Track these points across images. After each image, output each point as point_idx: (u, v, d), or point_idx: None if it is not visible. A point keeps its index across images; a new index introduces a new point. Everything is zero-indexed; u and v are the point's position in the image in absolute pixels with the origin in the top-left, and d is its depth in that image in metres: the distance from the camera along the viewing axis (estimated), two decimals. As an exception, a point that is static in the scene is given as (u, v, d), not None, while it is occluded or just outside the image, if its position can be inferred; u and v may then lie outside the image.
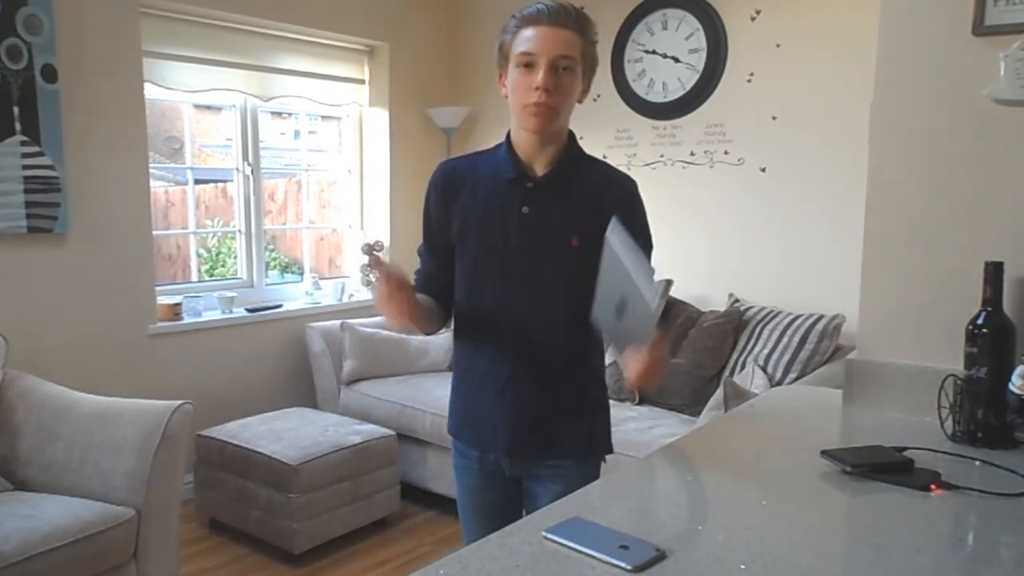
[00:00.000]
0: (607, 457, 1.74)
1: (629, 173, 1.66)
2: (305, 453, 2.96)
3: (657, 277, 1.85)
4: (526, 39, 1.45)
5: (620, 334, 1.39)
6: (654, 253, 1.67)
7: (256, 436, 3.09)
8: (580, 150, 1.59)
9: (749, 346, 3.18)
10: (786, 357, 3.03)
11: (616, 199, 1.56)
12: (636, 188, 1.61)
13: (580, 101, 1.54)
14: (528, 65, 1.45)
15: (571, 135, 1.58)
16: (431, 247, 1.67)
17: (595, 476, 1.68)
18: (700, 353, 3.25)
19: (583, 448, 1.66)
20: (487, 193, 1.56)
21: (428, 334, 1.70)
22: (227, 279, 4.03)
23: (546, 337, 1.58)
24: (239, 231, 3.92)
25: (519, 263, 1.54)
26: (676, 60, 3.73)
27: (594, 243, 1.40)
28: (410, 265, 1.74)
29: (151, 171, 3.38)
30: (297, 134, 4.76)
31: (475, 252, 1.57)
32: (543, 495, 1.62)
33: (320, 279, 4.17)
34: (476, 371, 1.64)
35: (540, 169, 1.55)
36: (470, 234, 1.57)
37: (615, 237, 1.34)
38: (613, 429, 2.96)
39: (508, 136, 1.58)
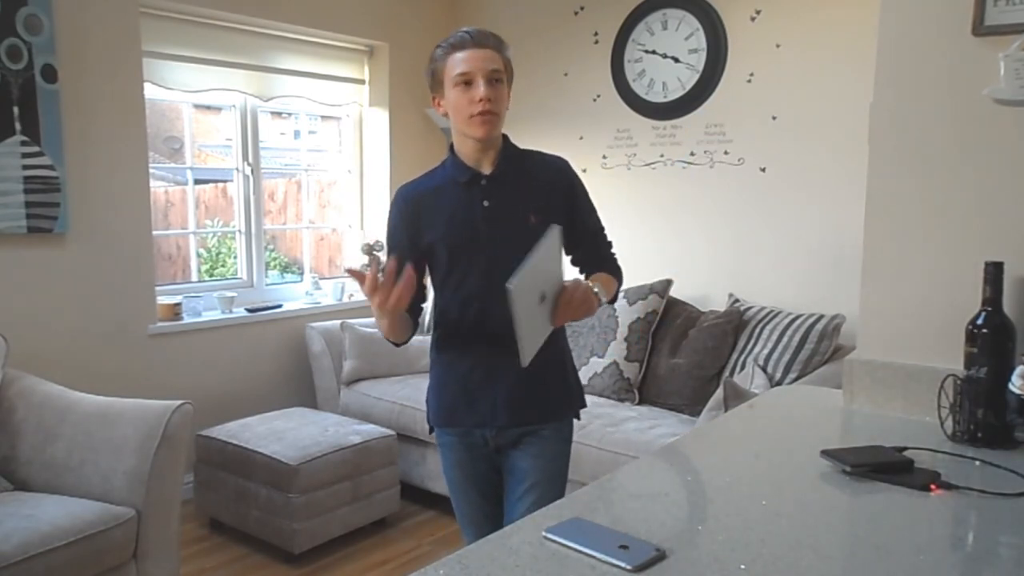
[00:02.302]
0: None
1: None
2: (305, 453, 2.96)
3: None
4: (459, 61, 1.67)
5: (532, 318, 1.56)
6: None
7: (256, 436, 3.09)
8: (515, 147, 1.80)
9: (749, 346, 3.18)
10: (786, 357, 3.03)
11: (558, 177, 1.82)
12: (570, 165, 1.85)
13: (506, 108, 1.75)
14: (467, 83, 1.66)
15: (504, 136, 1.79)
16: (400, 259, 1.77)
17: (570, 434, 1.89)
18: (700, 353, 3.25)
19: (567, 406, 1.88)
20: (449, 200, 1.76)
21: (399, 344, 1.88)
22: (227, 279, 4.04)
23: None
24: (239, 231, 3.92)
25: (489, 249, 1.73)
26: (676, 60, 3.73)
27: (547, 218, 1.69)
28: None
29: (151, 171, 3.38)
30: (297, 134, 4.77)
31: (449, 251, 1.76)
32: (524, 459, 1.81)
33: (320, 279, 4.17)
34: (464, 359, 1.81)
35: (487, 169, 1.76)
36: (443, 237, 1.75)
37: (556, 232, 1.55)
38: (613, 429, 2.98)
39: (451, 149, 1.79)
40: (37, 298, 3.03)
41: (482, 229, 1.74)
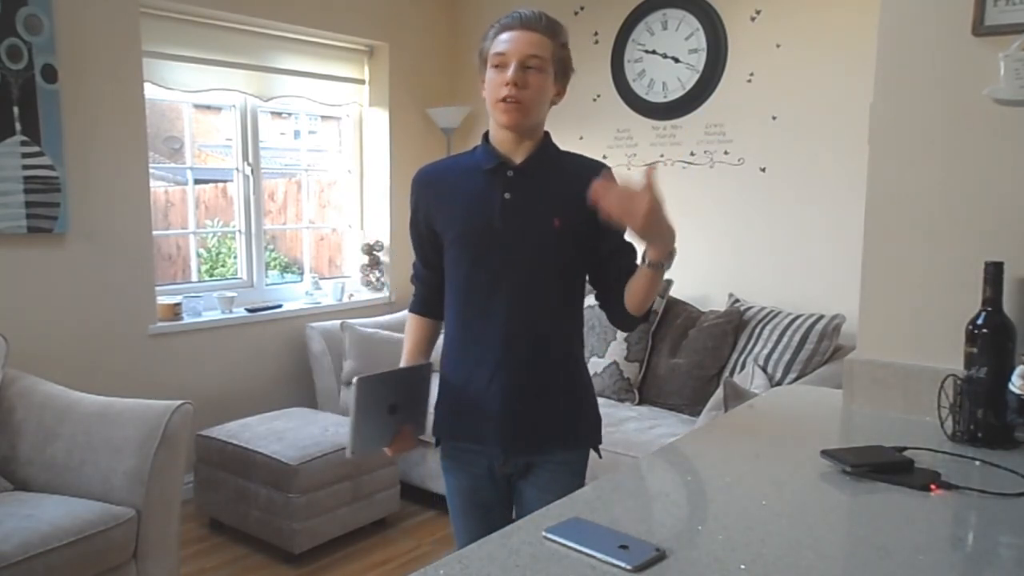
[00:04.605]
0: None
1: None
2: (305, 453, 2.96)
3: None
4: (501, 42, 1.57)
5: (375, 420, 1.54)
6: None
7: (256, 436, 3.09)
8: (555, 146, 1.68)
9: (749, 346, 3.18)
10: (786, 357, 3.03)
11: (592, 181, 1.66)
12: (611, 172, 1.68)
13: (555, 103, 1.64)
14: (500, 65, 1.56)
15: (546, 134, 1.66)
16: (422, 254, 1.73)
17: (582, 468, 1.69)
18: (700, 353, 3.25)
19: (572, 434, 1.68)
20: (469, 185, 1.63)
21: None
22: (227, 279, 4.04)
23: (532, 319, 1.61)
24: (239, 231, 3.91)
25: (504, 247, 1.59)
26: (676, 60, 3.73)
27: (574, 225, 1.58)
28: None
29: (151, 171, 3.38)
30: (297, 134, 4.77)
31: (462, 242, 1.62)
32: (530, 490, 1.65)
33: (320, 279, 4.17)
34: (466, 362, 1.66)
35: (518, 160, 1.62)
36: (457, 225, 1.62)
37: (363, 383, 1.49)
38: (613, 429, 2.98)
39: (485, 135, 1.66)
40: (37, 298, 3.03)
41: (498, 224, 1.58)
